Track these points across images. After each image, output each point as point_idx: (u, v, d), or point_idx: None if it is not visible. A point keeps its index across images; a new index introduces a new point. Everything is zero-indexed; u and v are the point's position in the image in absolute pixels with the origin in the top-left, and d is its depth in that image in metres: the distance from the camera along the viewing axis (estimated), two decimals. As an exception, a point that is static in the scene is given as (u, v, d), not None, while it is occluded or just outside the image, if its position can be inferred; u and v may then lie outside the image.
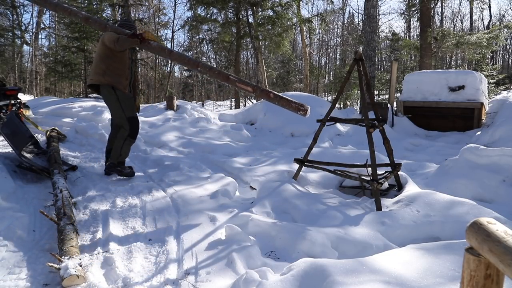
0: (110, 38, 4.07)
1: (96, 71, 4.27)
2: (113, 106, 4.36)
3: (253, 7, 14.28)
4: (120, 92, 4.31)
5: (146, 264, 2.54)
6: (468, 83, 7.86)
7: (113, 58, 4.26)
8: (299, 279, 1.98)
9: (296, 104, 3.49)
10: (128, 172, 4.40)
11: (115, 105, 4.33)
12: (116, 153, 4.38)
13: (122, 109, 4.33)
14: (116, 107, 4.33)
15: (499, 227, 1.00)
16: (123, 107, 4.32)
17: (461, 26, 27.85)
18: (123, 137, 4.38)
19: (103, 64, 4.24)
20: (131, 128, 4.36)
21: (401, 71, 16.15)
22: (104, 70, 4.24)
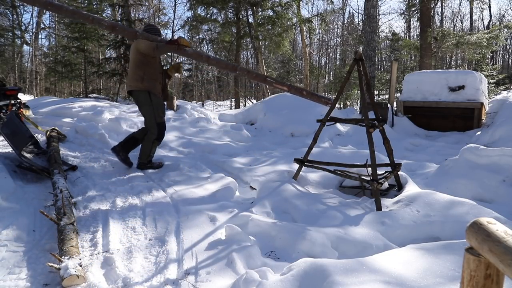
0: (148, 46, 4.32)
1: (135, 78, 4.49)
2: (146, 111, 4.61)
3: (253, 7, 14.28)
4: (155, 97, 4.58)
5: (146, 264, 2.54)
6: (468, 83, 7.86)
7: (149, 65, 4.49)
8: (299, 279, 1.98)
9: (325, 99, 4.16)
10: (158, 165, 4.79)
11: (148, 109, 4.59)
12: (145, 154, 4.71)
13: (154, 115, 4.62)
14: (149, 112, 4.59)
15: (499, 227, 1.00)
16: (155, 112, 4.61)
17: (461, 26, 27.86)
18: (150, 140, 4.68)
19: (140, 70, 4.47)
20: (158, 133, 4.72)
21: (401, 71, 16.16)
22: (142, 76, 4.46)
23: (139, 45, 4.41)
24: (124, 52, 13.30)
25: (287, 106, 8.13)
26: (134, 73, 4.49)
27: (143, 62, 4.47)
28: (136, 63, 4.48)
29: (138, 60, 4.47)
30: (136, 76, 4.48)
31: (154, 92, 4.57)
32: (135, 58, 4.49)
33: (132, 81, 4.54)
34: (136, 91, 4.54)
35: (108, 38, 14.58)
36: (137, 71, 4.48)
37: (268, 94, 14.19)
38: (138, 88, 4.51)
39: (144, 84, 4.49)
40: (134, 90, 4.56)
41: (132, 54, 4.56)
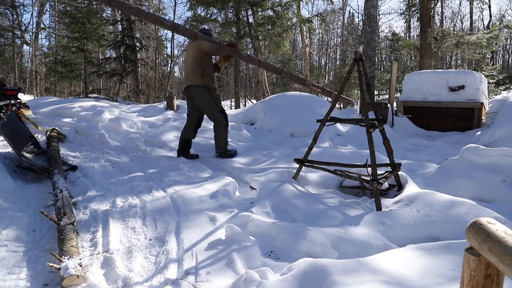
0: (212, 46, 4.95)
1: (196, 74, 4.99)
2: (208, 103, 5.09)
3: (253, 7, 14.27)
4: (213, 91, 5.13)
5: (146, 264, 2.54)
6: (468, 83, 7.85)
7: (207, 63, 5.06)
8: (299, 279, 1.98)
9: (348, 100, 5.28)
10: (234, 152, 5.32)
11: (210, 102, 5.08)
12: (222, 142, 5.19)
13: (215, 104, 5.11)
14: (211, 104, 5.08)
15: (499, 227, 1.00)
16: (216, 102, 5.12)
17: (461, 26, 27.87)
18: (221, 127, 5.16)
19: (200, 67, 4.99)
20: (225, 117, 5.18)
21: (401, 71, 16.16)
22: (202, 73, 4.99)
23: (202, 45, 4.95)
24: (124, 52, 13.30)
25: (287, 106, 8.13)
26: (195, 70, 4.98)
27: (203, 60, 5.00)
28: (197, 60, 4.98)
29: (199, 58, 4.97)
30: (197, 72, 4.97)
31: (212, 87, 5.12)
32: (196, 57, 4.98)
33: (193, 76, 4.99)
34: (195, 86, 5.00)
35: (108, 38, 14.58)
36: (198, 68, 4.98)
37: (268, 94, 14.20)
38: (198, 83, 4.99)
39: (204, 80, 4.99)
40: (193, 85, 5.00)
41: (192, 52, 5.03)
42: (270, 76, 20.61)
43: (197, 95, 5.07)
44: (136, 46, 13.87)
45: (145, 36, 19.00)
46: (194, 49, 5.02)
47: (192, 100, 5.21)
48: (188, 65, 5.10)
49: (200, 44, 4.98)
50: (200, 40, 5.03)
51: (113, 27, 17.50)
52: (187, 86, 5.10)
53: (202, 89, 5.02)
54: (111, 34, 16.01)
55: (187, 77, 5.11)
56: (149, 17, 5.14)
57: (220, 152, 5.22)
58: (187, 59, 5.17)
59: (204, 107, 5.14)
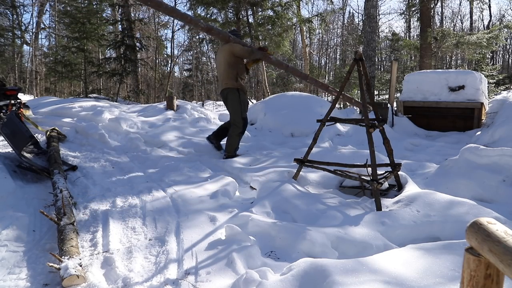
0: (244, 50, 5.06)
1: (230, 76, 5.12)
2: (234, 106, 5.18)
3: (253, 7, 14.26)
4: (243, 95, 5.23)
5: (146, 264, 2.54)
6: (468, 83, 7.85)
7: (239, 66, 5.18)
8: (299, 279, 1.98)
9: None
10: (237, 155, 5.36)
11: (236, 105, 5.17)
12: (232, 147, 5.29)
13: (240, 110, 5.20)
14: (236, 108, 5.18)
15: (499, 227, 1.00)
16: (242, 108, 5.22)
17: (461, 26, 27.87)
18: (236, 133, 5.26)
19: (234, 70, 5.12)
20: (243, 126, 5.32)
21: (401, 71, 16.15)
22: (235, 75, 5.13)
23: (235, 49, 5.06)
24: (124, 52, 13.30)
25: (287, 106, 8.13)
26: (229, 73, 5.11)
27: (236, 63, 5.13)
28: (230, 63, 5.10)
29: (232, 61, 5.11)
30: (231, 75, 5.11)
31: (243, 90, 5.24)
32: (229, 59, 5.10)
33: (227, 79, 5.13)
34: (230, 88, 5.12)
35: (108, 38, 14.58)
36: (231, 71, 5.11)
37: (268, 94, 14.20)
38: (232, 86, 5.12)
39: (238, 82, 5.15)
40: (228, 88, 5.12)
41: (225, 55, 5.13)
42: (270, 76, 20.61)
43: (227, 97, 5.21)
44: (136, 46, 13.86)
45: (145, 36, 19.00)
46: (227, 52, 5.12)
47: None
48: (221, 68, 5.20)
49: (232, 47, 5.09)
50: (232, 43, 5.12)
51: (113, 27, 17.49)
52: (222, 89, 5.23)
53: (234, 91, 5.16)
54: (111, 34, 16.01)
55: (221, 80, 5.23)
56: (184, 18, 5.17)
57: (227, 155, 5.32)
58: (220, 62, 5.25)
59: (230, 109, 5.26)
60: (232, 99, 5.17)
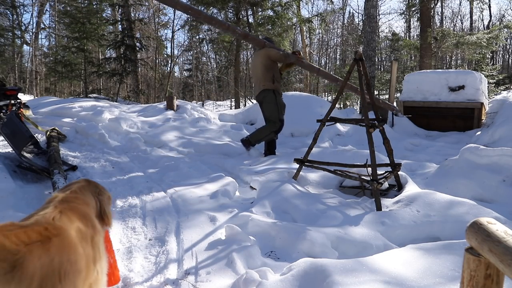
0: (279, 54, 5.37)
1: (267, 79, 5.37)
2: (272, 108, 5.40)
3: (253, 7, 14.27)
4: (279, 96, 5.46)
5: (146, 264, 2.54)
6: (468, 83, 7.85)
7: (275, 69, 5.46)
8: (299, 279, 1.98)
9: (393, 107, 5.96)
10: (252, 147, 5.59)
11: (274, 107, 5.39)
12: (257, 137, 5.48)
13: (278, 112, 5.41)
14: (273, 109, 5.39)
15: (499, 227, 1.00)
16: (279, 110, 5.43)
17: (461, 26, 27.86)
18: (270, 130, 5.42)
19: (270, 73, 5.38)
20: (280, 126, 5.47)
21: (401, 71, 16.14)
22: (272, 78, 5.38)
23: (271, 53, 5.36)
24: (124, 52, 13.30)
25: (287, 106, 8.12)
26: (266, 76, 5.37)
27: (272, 66, 5.41)
28: (267, 67, 5.38)
29: (268, 65, 5.38)
30: (268, 78, 5.37)
31: (280, 92, 5.50)
32: (266, 63, 5.38)
33: (265, 82, 5.37)
34: (267, 90, 5.36)
35: (108, 38, 14.58)
36: (269, 74, 5.37)
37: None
38: (270, 88, 5.37)
39: (275, 84, 5.40)
40: (266, 89, 5.36)
41: (261, 59, 5.42)
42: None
43: (265, 99, 5.41)
44: (136, 46, 13.87)
45: (145, 36, 19.01)
46: (264, 56, 5.40)
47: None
48: (258, 71, 5.45)
49: (268, 52, 5.38)
50: (268, 48, 5.42)
51: (113, 27, 17.50)
52: (261, 91, 5.43)
53: (271, 93, 5.38)
54: (111, 34, 16.01)
55: (259, 83, 5.45)
56: (222, 25, 5.49)
57: (248, 139, 5.53)
58: (257, 66, 5.49)
59: (267, 110, 5.45)
60: (268, 101, 5.39)
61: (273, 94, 5.38)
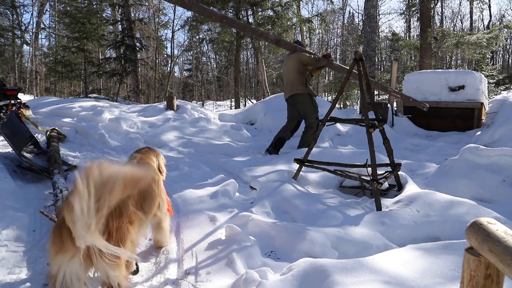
0: (311, 58, 5.56)
1: (299, 83, 5.65)
2: (310, 110, 5.71)
3: (253, 7, 14.27)
4: (313, 98, 5.77)
5: (146, 264, 2.54)
6: (468, 83, 7.85)
7: (306, 73, 5.72)
8: (299, 279, 1.98)
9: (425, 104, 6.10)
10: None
11: (312, 109, 5.71)
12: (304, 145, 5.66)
13: (315, 111, 5.72)
14: (312, 110, 5.70)
15: (499, 227, 1.00)
16: (316, 109, 5.76)
17: (461, 26, 27.86)
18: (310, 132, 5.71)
19: (302, 77, 5.66)
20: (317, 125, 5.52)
21: (401, 71, 16.14)
22: (304, 82, 5.66)
23: (303, 57, 5.58)
24: (124, 52, 13.30)
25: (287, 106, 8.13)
26: (299, 79, 5.63)
27: (304, 70, 5.67)
28: (299, 71, 5.64)
29: (300, 69, 5.64)
30: (301, 81, 5.63)
31: (313, 94, 5.78)
32: (298, 67, 5.63)
33: (298, 85, 5.65)
34: (301, 94, 5.65)
35: (108, 38, 14.58)
36: (301, 78, 5.63)
37: (268, 94, 14.20)
38: (303, 92, 5.65)
39: (307, 88, 5.70)
40: (299, 93, 5.65)
41: (294, 64, 5.66)
42: (270, 76, 20.62)
43: (301, 102, 5.71)
44: (136, 46, 13.87)
45: (145, 36, 19.01)
46: (296, 60, 5.63)
47: (294, 106, 5.82)
48: (290, 75, 5.71)
49: (301, 56, 5.60)
50: (300, 53, 5.62)
51: (113, 27, 17.50)
52: (293, 94, 5.72)
53: (307, 96, 5.68)
54: (111, 34, 16.01)
55: (291, 87, 5.73)
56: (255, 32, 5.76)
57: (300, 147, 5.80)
58: (289, 70, 5.74)
59: (306, 113, 5.74)
60: (305, 103, 5.69)
61: (309, 96, 5.70)
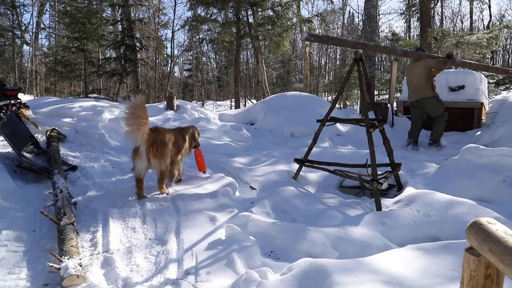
0: (438, 62, 5.84)
1: (427, 87, 6.24)
2: (438, 108, 6.33)
3: (253, 7, 14.25)
4: (439, 99, 6.38)
5: (146, 264, 2.54)
6: (468, 83, 7.84)
7: (431, 77, 6.27)
8: (299, 279, 1.98)
9: None
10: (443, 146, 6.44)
11: (439, 107, 6.33)
12: (438, 133, 6.41)
13: (443, 107, 6.35)
14: (440, 108, 6.33)
15: (499, 227, 1.00)
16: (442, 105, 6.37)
17: (461, 26, 27.85)
18: (443, 120, 6.35)
19: (429, 81, 6.24)
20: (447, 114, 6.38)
21: (401, 71, 16.13)
22: (431, 86, 6.25)
23: (430, 63, 6.02)
24: (124, 52, 13.28)
25: (287, 106, 8.13)
26: (427, 84, 6.22)
27: (430, 75, 6.22)
28: (427, 76, 6.19)
29: (428, 74, 6.19)
30: (428, 86, 6.22)
31: (437, 96, 6.36)
32: (426, 73, 6.18)
33: (426, 90, 6.24)
34: (430, 97, 6.26)
35: (108, 38, 14.57)
36: (428, 82, 6.21)
37: (268, 94, 14.19)
38: (431, 95, 6.26)
39: (434, 91, 6.31)
40: (427, 97, 6.25)
41: (422, 70, 6.18)
42: (270, 76, 20.61)
43: (430, 104, 6.31)
44: (136, 46, 13.85)
45: (145, 36, 18.98)
46: (424, 67, 6.13)
47: (420, 109, 6.41)
48: (417, 80, 6.28)
49: (429, 62, 6.03)
50: (427, 59, 5.98)
51: (113, 27, 17.49)
52: (420, 98, 6.30)
53: (434, 99, 6.30)
54: (111, 34, 15.99)
55: (418, 91, 6.31)
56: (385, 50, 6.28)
57: (433, 139, 6.42)
58: (417, 75, 6.28)
59: (436, 112, 6.34)
60: (433, 105, 6.30)
61: (436, 98, 6.29)
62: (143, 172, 3.68)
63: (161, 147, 3.67)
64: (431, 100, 6.29)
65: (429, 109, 6.37)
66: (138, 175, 3.69)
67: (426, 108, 6.38)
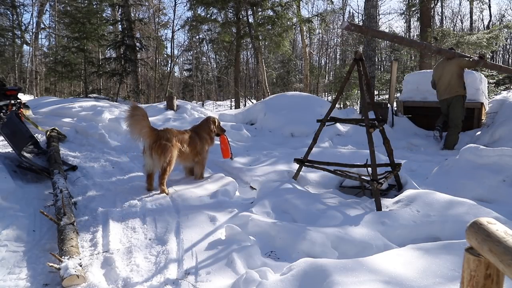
0: (470, 62, 6.24)
1: (460, 86, 6.42)
2: (459, 112, 6.45)
3: (253, 7, 14.25)
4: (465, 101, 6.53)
5: (146, 264, 2.54)
6: (468, 83, 7.84)
7: (463, 76, 6.44)
8: (299, 279, 1.98)
9: None
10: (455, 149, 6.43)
11: (461, 111, 6.45)
12: (451, 144, 6.48)
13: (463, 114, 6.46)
14: (460, 113, 6.45)
15: (499, 227, 1.00)
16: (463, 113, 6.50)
17: (461, 26, 27.85)
18: (456, 133, 6.47)
19: (461, 80, 6.43)
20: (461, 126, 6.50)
21: (401, 71, 16.13)
22: (463, 85, 6.44)
23: (463, 62, 6.27)
24: (124, 52, 13.28)
25: (287, 106, 8.13)
26: (459, 83, 6.38)
27: (462, 74, 6.40)
28: (459, 75, 6.38)
29: (460, 73, 6.38)
30: (461, 84, 6.40)
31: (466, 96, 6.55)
32: (459, 72, 6.36)
33: (458, 88, 6.41)
34: (459, 95, 6.40)
35: (108, 38, 14.57)
36: (460, 81, 6.39)
37: (268, 94, 14.20)
38: (462, 93, 6.42)
39: (465, 90, 6.48)
40: (458, 95, 6.38)
41: (454, 68, 6.35)
42: (270, 76, 20.61)
43: (456, 103, 6.45)
44: (136, 46, 13.85)
45: (145, 36, 18.98)
46: (457, 66, 6.30)
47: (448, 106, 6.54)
48: (450, 79, 6.41)
49: (462, 61, 6.28)
50: (459, 58, 6.24)
51: (113, 27, 17.48)
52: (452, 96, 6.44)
53: (461, 98, 6.44)
54: (111, 34, 15.98)
55: (450, 89, 6.46)
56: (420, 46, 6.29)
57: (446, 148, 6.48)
58: (449, 73, 6.41)
59: (456, 115, 6.44)
60: (458, 106, 6.41)
61: (463, 99, 6.42)
62: (151, 168, 3.90)
63: (163, 144, 3.82)
64: (460, 98, 6.43)
65: (453, 108, 6.48)
66: (147, 171, 3.94)
67: (452, 106, 6.48)
